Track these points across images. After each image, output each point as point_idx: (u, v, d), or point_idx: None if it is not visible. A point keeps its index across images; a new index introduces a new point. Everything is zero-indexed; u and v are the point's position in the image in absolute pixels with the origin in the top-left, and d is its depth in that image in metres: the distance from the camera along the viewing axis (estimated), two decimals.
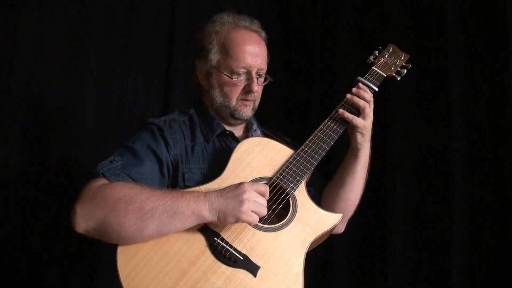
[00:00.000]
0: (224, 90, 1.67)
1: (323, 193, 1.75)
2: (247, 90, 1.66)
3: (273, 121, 2.52)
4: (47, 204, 1.98)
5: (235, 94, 1.67)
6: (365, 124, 1.59)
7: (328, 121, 1.63)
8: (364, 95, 1.60)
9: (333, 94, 2.55)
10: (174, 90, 2.47)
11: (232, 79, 1.64)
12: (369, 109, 1.59)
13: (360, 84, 1.65)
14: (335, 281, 2.42)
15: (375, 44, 2.25)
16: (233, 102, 1.67)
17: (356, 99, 1.59)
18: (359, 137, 1.60)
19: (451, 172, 2.17)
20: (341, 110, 1.60)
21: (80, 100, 2.15)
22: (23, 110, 1.99)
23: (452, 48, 2.23)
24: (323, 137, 1.60)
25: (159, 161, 1.51)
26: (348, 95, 1.62)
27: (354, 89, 1.63)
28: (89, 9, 2.19)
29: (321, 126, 1.62)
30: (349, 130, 1.64)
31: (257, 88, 1.68)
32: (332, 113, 1.64)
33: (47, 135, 2.05)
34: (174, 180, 1.54)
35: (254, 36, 1.68)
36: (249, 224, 1.40)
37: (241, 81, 1.66)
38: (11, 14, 1.96)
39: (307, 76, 2.67)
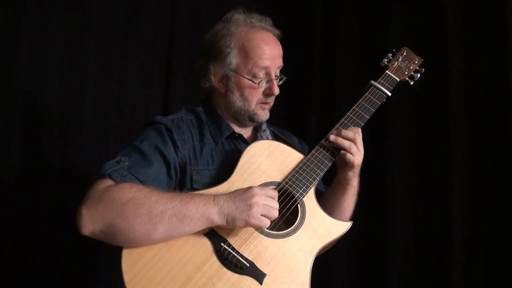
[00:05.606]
0: (245, 94, 1.62)
1: None
2: (268, 93, 1.63)
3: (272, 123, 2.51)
4: (47, 204, 1.96)
5: (256, 97, 1.62)
6: (359, 162, 1.53)
7: (338, 126, 1.59)
8: (347, 135, 1.53)
9: (334, 95, 2.56)
10: (174, 90, 2.46)
11: (254, 82, 1.59)
12: (355, 148, 1.52)
13: (338, 126, 1.57)
14: (336, 282, 2.43)
15: (375, 44, 2.25)
16: (253, 106, 1.63)
17: (340, 140, 1.52)
18: (350, 174, 1.56)
19: (451, 173, 2.19)
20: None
21: (80, 100, 2.14)
22: (23, 111, 1.97)
23: (452, 51, 2.24)
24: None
25: (167, 163, 1.47)
26: (332, 137, 1.54)
27: (333, 133, 1.55)
28: (90, 9, 2.18)
29: (330, 133, 1.58)
30: (339, 165, 1.58)
31: (277, 90, 1.63)
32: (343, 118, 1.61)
33: (47, 136, 2.04)
34: (181, 182, 1.51)
35: (271, 36, 1.64)
36: (260, 228, 1.39)
37: (262, 84, 1.61)
38: (12, 14, 1.95)
39: (307, 76, 2.66)
